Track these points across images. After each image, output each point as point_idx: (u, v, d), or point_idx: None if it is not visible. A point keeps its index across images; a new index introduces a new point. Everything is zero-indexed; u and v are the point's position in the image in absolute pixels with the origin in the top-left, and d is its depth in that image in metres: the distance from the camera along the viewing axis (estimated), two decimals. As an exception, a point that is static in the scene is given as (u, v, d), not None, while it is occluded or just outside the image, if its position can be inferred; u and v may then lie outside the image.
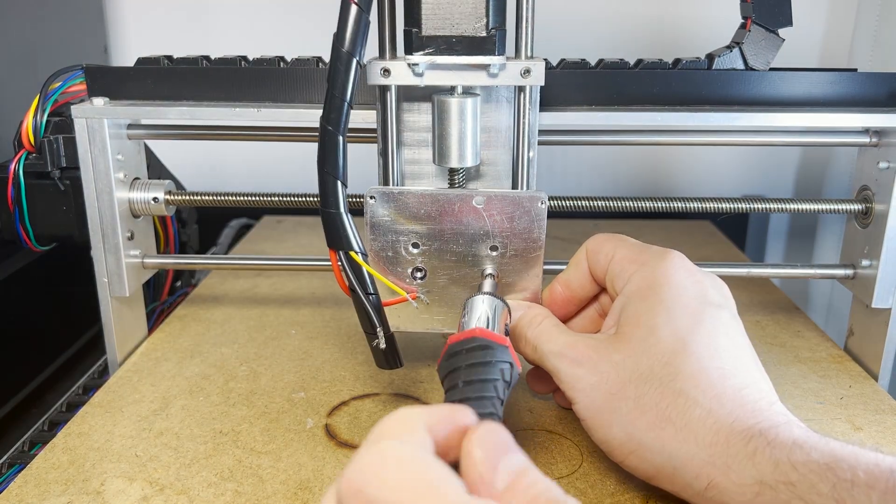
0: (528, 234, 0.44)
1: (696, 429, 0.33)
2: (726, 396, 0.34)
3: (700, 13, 0.85)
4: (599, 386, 0.36)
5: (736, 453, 0.32)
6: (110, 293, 0.52)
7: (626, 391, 0.35)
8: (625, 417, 0.35)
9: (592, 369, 0.37)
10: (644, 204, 0.52)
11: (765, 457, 0.31)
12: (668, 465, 0.34)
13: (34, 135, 0.50)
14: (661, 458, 0.34)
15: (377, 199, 0.43)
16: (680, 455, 0.33)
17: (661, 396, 0.34)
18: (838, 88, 0.49)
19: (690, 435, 0.33)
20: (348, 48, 0.37)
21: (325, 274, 0.52)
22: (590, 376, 0.37)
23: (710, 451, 0.33)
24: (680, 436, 0.33)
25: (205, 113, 0.49)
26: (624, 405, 0.35)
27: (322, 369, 0.52)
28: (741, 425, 0.33)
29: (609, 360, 0.37)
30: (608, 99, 0.49)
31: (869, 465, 0.29)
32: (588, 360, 0.37)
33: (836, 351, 0.56)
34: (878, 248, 0.51)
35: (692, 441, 0.33)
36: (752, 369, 0.36)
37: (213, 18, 0.88)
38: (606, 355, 0.37)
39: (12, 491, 0.39)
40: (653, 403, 0.34)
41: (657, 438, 0.34)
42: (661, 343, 0.36)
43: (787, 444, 0.31)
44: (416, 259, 0.44)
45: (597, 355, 0.37)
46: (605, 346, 0.37)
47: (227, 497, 0.38)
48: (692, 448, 0.33)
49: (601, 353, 0.37)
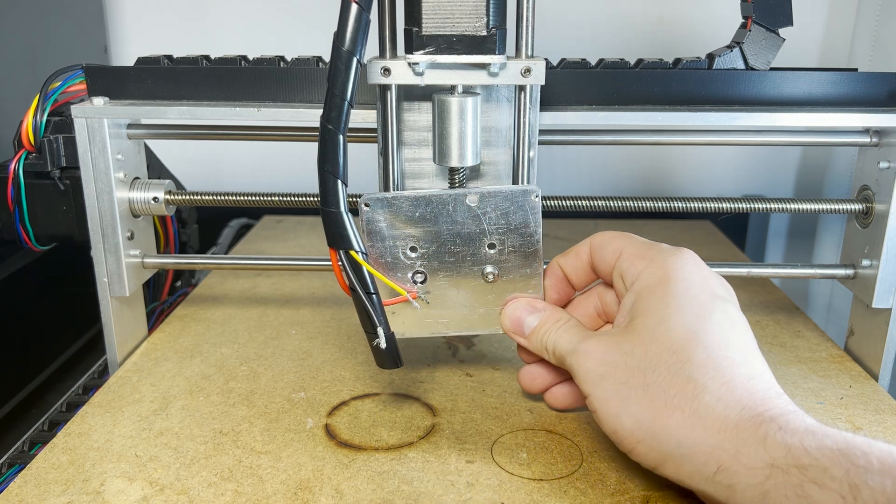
0: (525, 230, 0.43)
1: (705, 415, 0.33)
2: (736, 384, 0.34)
3: (700, 13, 0.86)
4: (609, 375, 0.37)
5: (746, 438, 0.32)
6: (110, 293, 0.52)
7: (635, 379, 0.36)
8: (633, 406, 0.35)
9: (602, 360, 0.37)
10: (644, 204, 0.52)
11: (776, 441, 0.31)
12: (676, 452, 0.34)
13: (34, 134, 0.50)
14: (670, 445, 0.34)
15: (372, 205, 0.43)
16: (688, 442, 0.33)
17: (670, 383, 0.35)
18: (839, 88, 0.49)
19: (699, 421, 0.33)
20: (349, 47, 0.37)
21: (325, 274, 0.53)
22: (600, 367, 0.37)
23: (719, 437, 0.33)
24: (689, 422, 0.33)
25: (205, 113, 0.49)
26: (633, 394, 0.35)
27: (322, 369, 0.52)
28: (751, 412, 0.33)
29: (619, 350, 0.37)
30: (608, 99, 0.49)
31: (883, 454, 0.29)
32: (599, 352, 0.38)
33: (836, 351, 0.56)
34: (878, 248, 0.51)
35: (700, 427, 0.33)
36: (759, 362, 0.36)
37: (213, 18, 0.88)
38: (616, 346, 0.37)
39: (12, 491, 0.39)
40: (661, 391, 0.35)
41: (665, 426, 0.34)
42: (671, 332, 0.36)
43: (800, 430, 0.31)
44: (415, 262, 0.44)
45: (607, 347, 0.38)
46: (616, 337, 0.38)
47: (227, 497, 0.38)
48: (700, 434, 0.33)
49: (611, 345, 0.38)
